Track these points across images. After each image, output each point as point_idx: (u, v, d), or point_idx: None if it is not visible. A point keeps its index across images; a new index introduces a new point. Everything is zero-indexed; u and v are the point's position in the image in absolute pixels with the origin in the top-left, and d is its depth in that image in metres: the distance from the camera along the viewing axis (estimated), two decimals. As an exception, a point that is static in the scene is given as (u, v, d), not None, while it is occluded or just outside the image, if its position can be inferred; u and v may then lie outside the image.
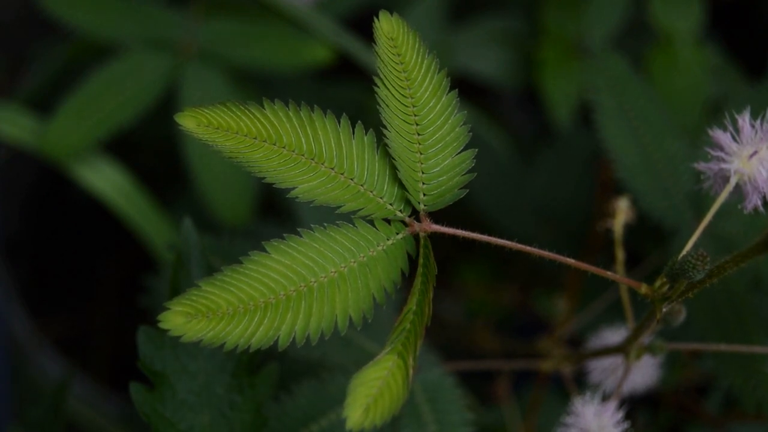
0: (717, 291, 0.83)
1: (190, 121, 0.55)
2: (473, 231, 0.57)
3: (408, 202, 0.57)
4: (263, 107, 0.56)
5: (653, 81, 1.15)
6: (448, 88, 0.58)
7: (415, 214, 0.57)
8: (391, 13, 0.58)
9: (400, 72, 0.58)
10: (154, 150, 1.31)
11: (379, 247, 0.56)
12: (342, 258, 0.55)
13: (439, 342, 1.03)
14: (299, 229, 0.55)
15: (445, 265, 1.26)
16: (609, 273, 0.59)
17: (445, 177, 0.57)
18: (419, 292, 0.55)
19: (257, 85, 1.18)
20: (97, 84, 1.08)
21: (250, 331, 0.52)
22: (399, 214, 0.57)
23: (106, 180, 1.11)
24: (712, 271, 0.55)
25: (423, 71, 0.58)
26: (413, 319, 0.54)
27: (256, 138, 0.56)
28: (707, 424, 0.99)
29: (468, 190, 0.57)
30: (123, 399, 1.20)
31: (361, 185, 0.57)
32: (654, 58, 1.17)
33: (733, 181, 0.57)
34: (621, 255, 0.74)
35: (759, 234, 0.56)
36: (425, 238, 0.57)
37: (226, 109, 0.56)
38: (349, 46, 1.10)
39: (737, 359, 0.82)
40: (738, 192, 0.58)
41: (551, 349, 0.88)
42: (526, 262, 1.21)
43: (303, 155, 0.56)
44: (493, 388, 0.98)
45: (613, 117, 0.87)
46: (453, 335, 1.18)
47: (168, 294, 0.68)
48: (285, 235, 0.54)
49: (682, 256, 0.54)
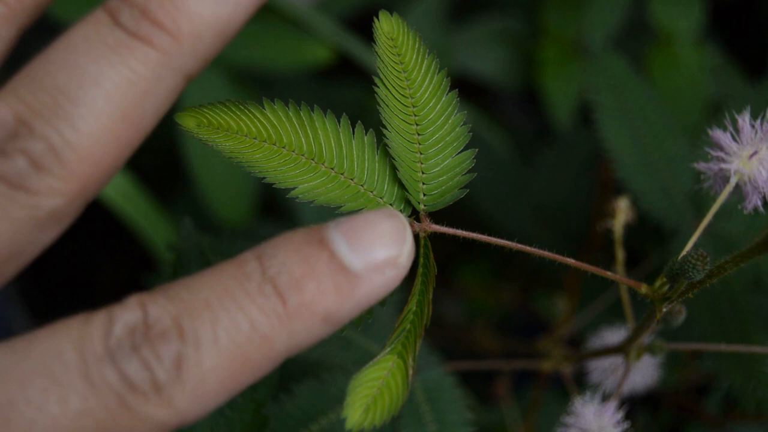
0: (717, 291, 0.83)
1: (189, 121, 0.55)
2: (473, 231, 0.57)
3: (408, 202, 0.57)
4: (263, 107, 0.56)
5: (653, 81, 1.15)
6: (448, 88, 0.58)
7: (415, 214, 0.57)
8: (391, 13, 0.58)
9: (400, 72, 0.58)
10: (154, 150, 1.31)
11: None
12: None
13: (440, 342, 1.03)
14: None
15: (446, 265, 1.26)
16: (609, 273, 0.59)
17: (446, 177, 0.57)
18: (419, 292, 0.55)
19: (257, 85, 1.18)
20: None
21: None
22: (399, 214, 0.57)
23: (106, 180, 1.11)
24: (712, 271, 0.55)
25: (423, 71, 0.58)
26: (413, 320, 0.54)
27: (256, 138, 0.56)
28: (707, 424, 0.99)
29: (468, 190, 0.57)
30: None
31: (361, 185, 0.57)
32: (654, 58, 1.17)
33: (733, 181, 0.57)
34: (621, 255, 0.74)
35: (759, 234, 0.56)
36: (425, 238, 0.56)
37: (225, 109, 0.56)
38: (349, 46, 1.10)
39: (737, 359, 0.82)
40: (738, 192, 0.58)
41: (551, 349, 0.88)
42: (526, 262, 1.21)
43: (303, 155, 0.56)
44: (494, 388, 0.98)
45: (613, 117, 0.87)
46: (453, 335, 1.18)
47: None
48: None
49: (682, 256, 0.54)
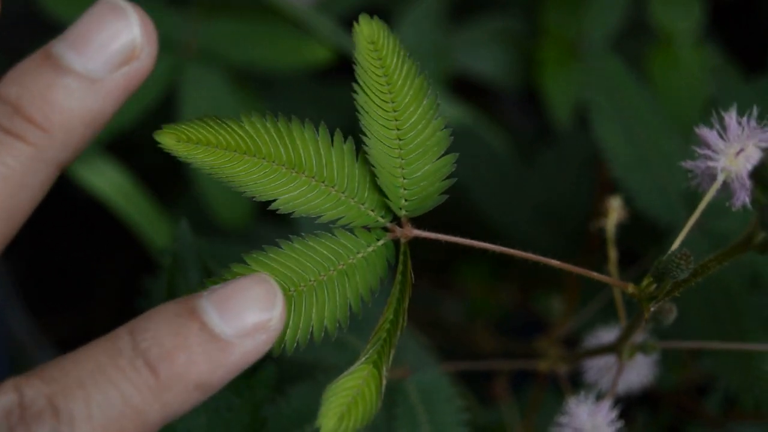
0: (714, 289, 0.83)
1: (168, 138, 0.55)
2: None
3: (389, 208, 0.57)
4: (241, 120, 0.56)
5: (653, 81, 1.15)
6: (428, 91, 0.58)
7: (397, 220, 0.57)
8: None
9: (380, 77, 0.57)
10: (154, 150, 1.30)
11: (359, 255, 0.56)
12: (321, 267, 0.56)
13: (439, 342, 1.02)
14: (278, 240, 0.56)
15: (445, 265, 1.26)
16: (595, 274, 0.59)
17: (426, 182, 0.57)
18: (396, 300, 0.55)
19: (257, 85, 1.18)
20: (97, 84, 1.08)
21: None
22: (380, 220, 0.57)
23: (106, 180, 1.11)
24: (696, 270, 0.55)
25: (404, 75, 0.58)
26: (389, 329, 0.55)
27: (236, 151, 0.56)
28: (707, 423, 0.99)
29: (448, 195, 0.57)
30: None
31: (342, 193, 0.57)
32: (654, 58, 1.17)
33: (720, 179, 0.58)
34: (614, 254, 0.74)
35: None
36: (405, 244, 0.56)
37: (203, 124, 0.56)
38: (350, 46, 1.10)
39: (734, 357, 0.82)
40: (726, 189, 0.58)
41: (548, 349, 0.88)
42: (525, 262, 1.20)
43: (283, 165, 0.56)
44: (492, 387, 0.98)
45: (608, 117, 0.87)
46: (452, 335, 1.18)
47: (164, 298, 0.68)
48: (265, 247, 0.55)
49: (666, 255, 0.54)
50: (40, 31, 1.30)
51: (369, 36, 0.57)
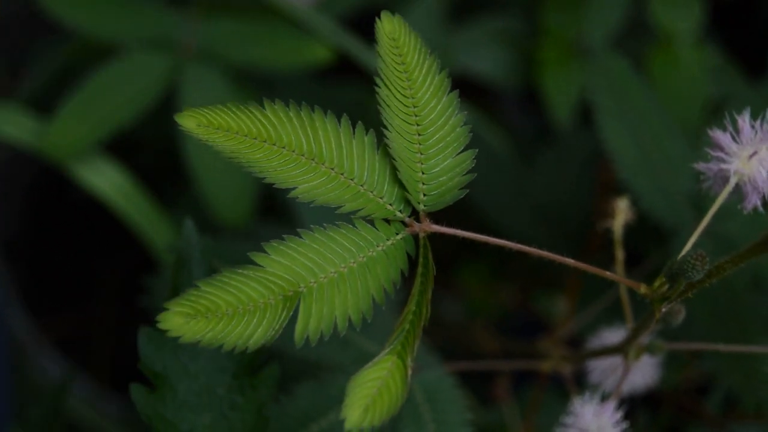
0: (717, 290, 0.83)
1: (190, 122, 0.55)
2: (473, 231, 0.57)
3: (408, 202, 0.57)
4: (263, 107, 0.56)
5: (653, 81, 1.15)
6: (449, 88, 0.58)
7: (415, 214, 0.57)
8: (392, 14, 0.58)
9: (401, 72, 0.58)
10: (154, 150, 1.31)
11: (379, 248, 0.56)
12: (342, 258, 0.55)
13: (439, 342, 1.03)
14: (299, 230, 0.55)
15: (445, 265, 1.26)
16: (608, 273, 0.59)
17: (446, 177, 0.57)
18: (418, 293, 0.55)
19: (257, 85, 1.18)
20: (97, 84, 1.08)
21: (249, 332, 0.52)
22: (399, 214, 0.57)
23: (106, 180, 1.11)
24: (710, 271, 0.55)
25: (424, 72, 0.58)
26: (412, 320, 0.54)
27: (256, 138, 0.56)
28: (707, 424, 0.99)
29: (468, 190, 0.57)
30: (124, 400, 1.20)
31: (362, 185, 0.57)
32: (654, 58, 1.17)
33: (733, 182, 0.58)
34: (621, 255, 0.74)
35: (758, 234, 0.56)
36: (424, 238, 0.57)
37: (226, 110, 0.56)
38: (349, 46, 1.10)
39: (737, 359, 0.82)
40: (737, 192, 0.59)
41: (551, 350, 0.88)
42: (526, 262, 1.21)
43: (303, 155, 0.56)
44: (493, 388, 0.98)
45: (613, 117, 0.87)
46: (453, 335, 1.18)
47: (169, 295, 0.68)
48: (284, 236, 0.55)
49: (681, 256, 0.54)
50: (40, 31, 1.30)
51: (390, 32, 0.58)
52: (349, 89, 1.24)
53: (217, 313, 0.52)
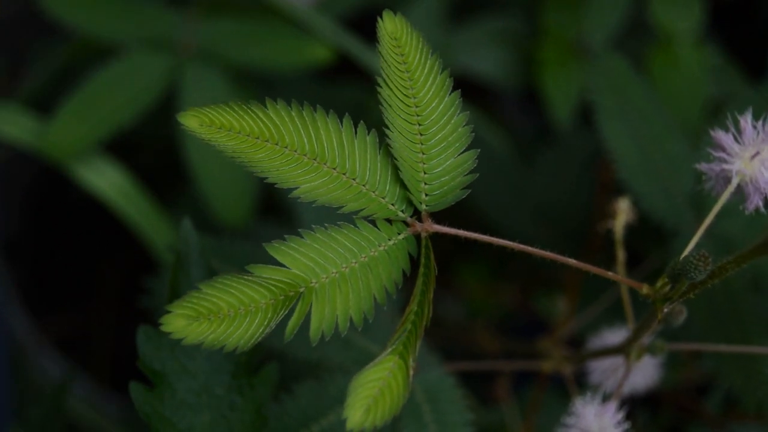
0: (716, 291, 0.83)
1: (192, 121, 0.55)
2: (472, 231, 0.57)
3: (410, 202, 0.57)
4: (266, 107, 0.56)
5: (653, 81, 1.15)
6: (450, 88, 0.58)
7: (417, 214, 0.57)
8: (394, 14, 0.58)
9: (403, 72, 0.58)
10: (154, 150, 1.31)
11: (381, 248, 0.56)
12: (343, 258, 0.55)
13: (440, 342, 1.03)
14: (300, 230, 0.55)
15: (446, 265, 1.26)
16: (611, 273, 0.59)
17: (448, 177, 0.57)
18: (420, 293, 0.55)
19: (257, 85, 1.18)
20: (97, 84, 1.08)
21: (250, 333, 0.52)
22: (401, 214, 0.57)
23: (106, 180, 1.11)
24: (713, 272, 0.55)
25: (426, 71, 0.58)
26: (414, 320, 0.54)
27: (258, 138, 0.56)
28: (707, 424, 0.99)
29: (470, 190, 0.57)
30: (123, 399, 1.20)
31: (363, 185, 0.57)
32: (654, 58, 1.17)
33: (735, 182, 0.58)
34: (622, 255, 0.74)
35: (758, 233, 0.56)
36: (426, 238, 0.57)
37: (228, 109, 0.56)
38: (350, 46, 1.10)
39: (737, 360, 0.82)
40: (739, 193, 0.59)
41: (551, 350, 0.88)
42: (526, 262, 1.21)
43: (305, 155, 0.56)
44: (494, 388, 0.98)
45: (614, 118, 0.87)
46: (453, 335, 1.18)
47: (168, 295, 0.68)
48: (286, 236, 0.55)
49: (683, 256, 0.54)
50: (40, 31, 1.30)
51: (392, 32, 0.58)
52: (349, 89, 1.24)
53: (219, 315, 0.52)
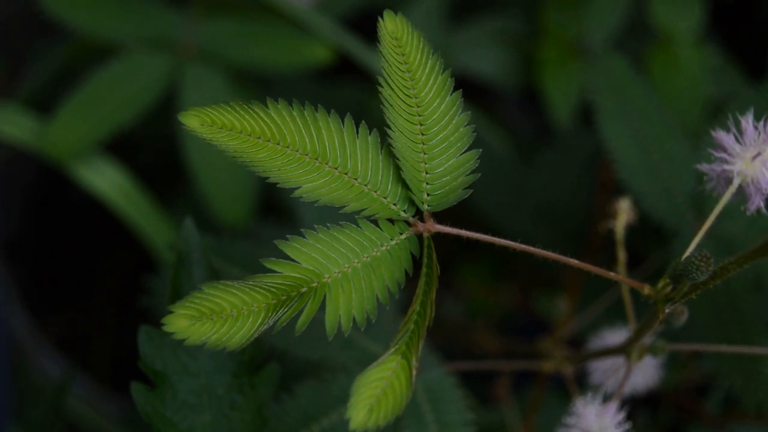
0: (717, 291, 0.83)
1: (193, 121, 0.55)
2: (473, 231, 0.57)
3: (411, 202, 0.57)
4: (267, 107, 0.56)
5: (653, 81, 1.15)
6: (452, 88, 0.58)
7: (419, 214, 0.57)
8: (395, 14, 0.58)
9: (404, 72, 0.58)
10: (154, 150, 1.31)
11: (383, 248, 0.56)
12: (345, 258, 0.55)
13: (440, 342, 1.03)
14: (302, 230, 0.55)
15: (446, 265, 1.26)
16: (612, 274, 0.59)
17: (449, 177, 0.57)
18: (422, 293, 0.55)
19: (257, 85, 1.18)
20: (97, 84, 1.08)
21: (253, 333, 0.52)
22: (403, 214, 0.57)
23: (106, 180, 1.11)
24: (715, 273, 0.55)
25: (427, 71, 0.58)
26: (417, 320, 0.54)
27: (260, 138, 0.56)
28: (707, 424, 0.99)
29: (472, 190, 0.57)
30: (124, 399, 1.20)
31: (365, 185, 0.57)
32: (654, 58, 1.17)
33: (736, 183, 0.58)
34: (623, 256, 0.74)
35: (759, 234, 0.56)
36: (428, 238, 0.57)
37: (230, 109, 0.56)
38: (350, 46, 1.10)
39: (738, 360, 0.82)
40: (740, 193, 0.59)
41: (552, 350, 0.88)
42: (526, 262, 1.21)
43: (307, 155, 0.56)
44: (494, 388, 0.98)
45: (614, 118, 0.87)
46: (453, 335, 1.18)
47: (169, 295, 0.68)
48: (288, 236, 0.54)
49: (685, 257, 0.54)
50: (40, 31, 1.30)
51: (393, 32, 0.58)
52: (350, 89, 1.24)
53: (222, 315, 0.52)
